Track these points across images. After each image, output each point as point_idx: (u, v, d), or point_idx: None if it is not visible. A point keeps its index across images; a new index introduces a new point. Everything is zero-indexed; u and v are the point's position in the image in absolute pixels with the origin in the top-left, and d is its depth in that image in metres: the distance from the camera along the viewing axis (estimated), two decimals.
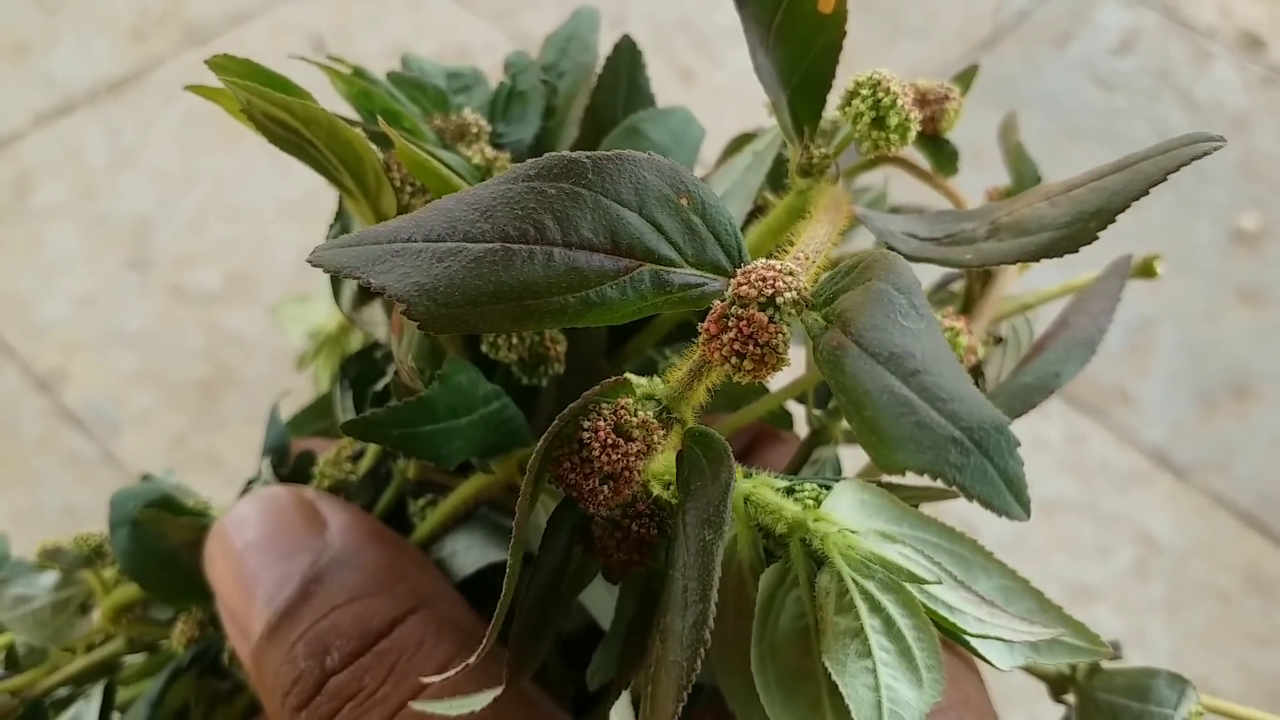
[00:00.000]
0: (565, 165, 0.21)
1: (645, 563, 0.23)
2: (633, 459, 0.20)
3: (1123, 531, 0.83)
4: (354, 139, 0.26)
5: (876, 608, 0.21)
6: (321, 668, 0.26)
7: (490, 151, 0.30)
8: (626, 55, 0.33)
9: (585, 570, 0.24)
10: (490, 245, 0.20)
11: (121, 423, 0.84)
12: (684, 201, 0.21)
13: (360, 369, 0.32)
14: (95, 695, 0.31)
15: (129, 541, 0.31)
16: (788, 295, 0.20)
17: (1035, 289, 0.33)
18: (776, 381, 0.32)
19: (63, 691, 0.32)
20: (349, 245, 0.21)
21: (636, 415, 0.21)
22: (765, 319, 0.20)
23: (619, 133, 0.31)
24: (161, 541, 0.31)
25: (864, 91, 0.25)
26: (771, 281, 0.20)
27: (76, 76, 1.04)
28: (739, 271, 0.21)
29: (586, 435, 0.20)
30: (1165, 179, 0.22)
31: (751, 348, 0.20)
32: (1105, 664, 0.29)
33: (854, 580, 0.21)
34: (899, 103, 0.24)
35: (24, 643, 0.34)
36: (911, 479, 0.20)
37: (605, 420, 0.21)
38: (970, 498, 0.17)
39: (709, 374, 0.21)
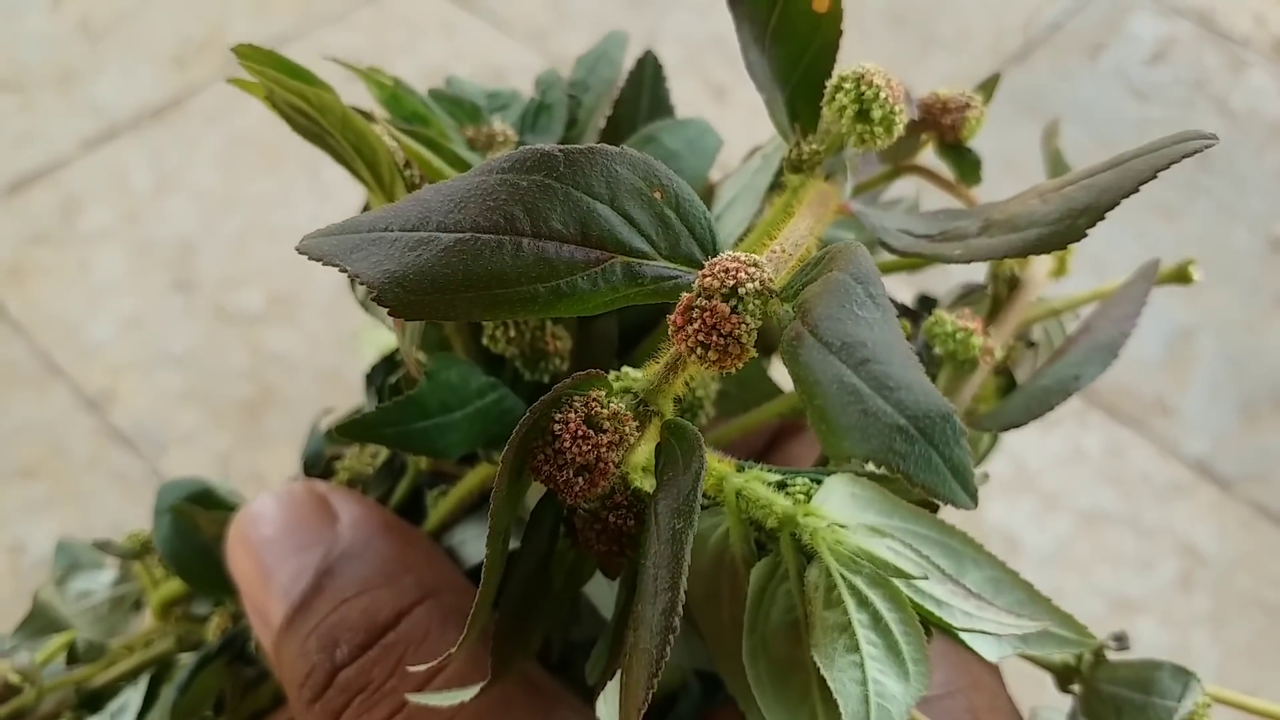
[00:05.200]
0: (539, 158, 0.21)
1: (625, 554, 0.23)
2: (604, 450, 0.21)
3: (1165, 544, 0.82)
4: (367, 131, 0.27)
5: (864, 602, 0.21)
6: (332, 661, 0.26)
7: None
8: (649, 70, 0.34)
9: (583, 564, 0.25)
10: (461, 235, 0.21)
11: (168, 442, 0.85)
12: (657, 195, 0.22)
13: (385, 373, 0.33)
14: (143, 684, 0.33)
15: (169, 530, 0.32)
16: (749, 286, 0.20)
17: (1066, 295, 0.33)
18: (790, 382, 0.33)
19: (120, 686, 0.34)
20: (332, 234, 0.21)
21: (608, 407, 0.21)
22: (727, 310, 0.20)
23: (635, 140, 0.32)
24: (199, 533, 0.32)
25: (847, 85, 0.24)
26: (734, 273, 0.20)
27: (120, 103, 1.06)
28: (706, 264, 0.21)
29: (558, 427, 0.21)
30: (1155, 176, 0.22)
31: (715, 338, 0.20)
32: (1111, 656, 0.29)
33: (841, 575, 0.21)
34: (882, 95, 0.24)
35: (84, 639, 0.35)
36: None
37: (576, 412, 0.21)
38: (914, 485, 0.17)
39: (684, 366, 0.22)
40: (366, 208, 0.30)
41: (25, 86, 1.08)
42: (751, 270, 0.20)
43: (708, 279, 0.20)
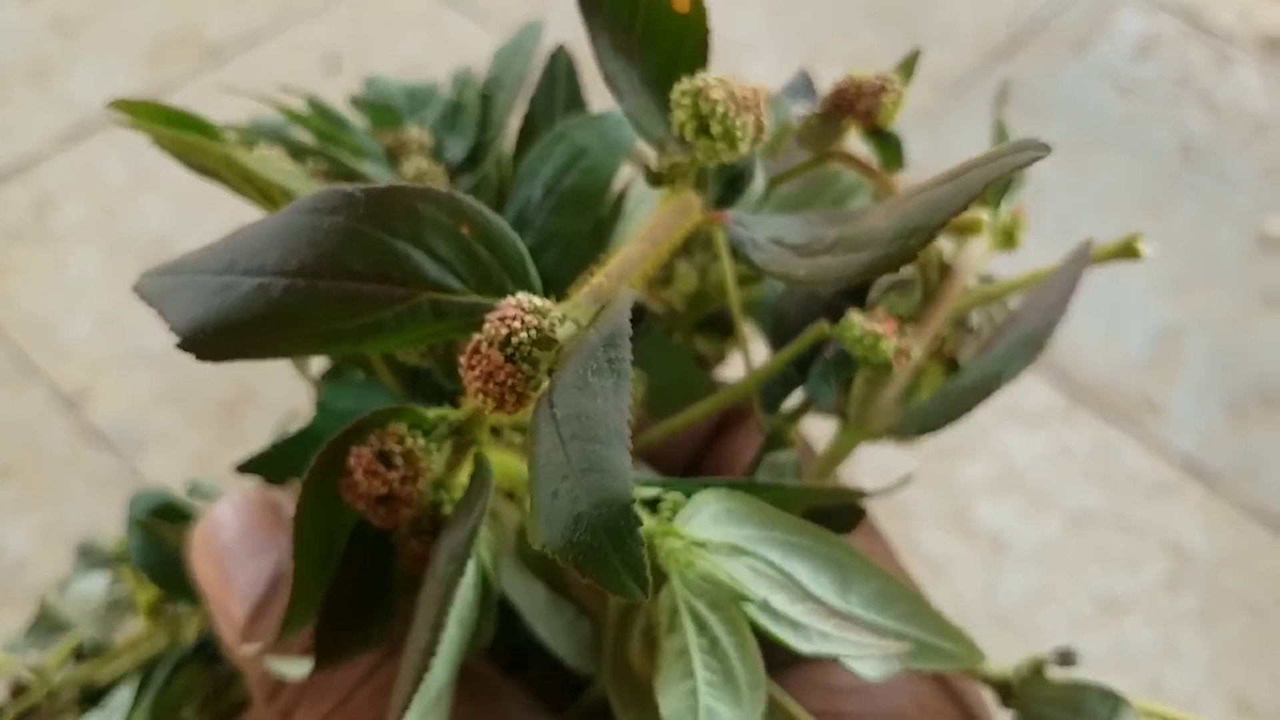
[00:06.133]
0: (339, 200, 0.21)
1: None
2: (397, 485, 0.21)
3: (1153, 542, 0.82)
4: (248, 166, 0.27)
5: (704, 627, 0.21)
6: None
7: (424, 164, 0.32)
8: (561, 65, 0.34)
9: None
10: (261, 279, 0.21)
11: (145, 441, 0.84)
12: (465, 230, 0.21)
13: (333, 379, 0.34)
14: (135, 681, 0.34)
15: (140, 540, 0.34)
16: (523, 335, 0.20)
17: (1003, 278, 0.32)
18: (732, 377, 0.32)
19: (120, 683, 0.36)
20: (160, 274, 0.22)
21: (402, 444, 0.21)
22: (501, 359, 0.20)
23: (548, 139, 0.32)
24: (167, 542, 0.34)
25: (685, 101, 0.23)
26: (509, 320, 0.20)
27: (95, 99, 1.05)
28: (496, 307, 0.21)
29: (351, 461, 0.21)
30: (985, 189, 0.21)
31: (490, 386, 0.20)
32: (1050, 673, 0.28)
33: (685, 600, 0.21)
34: (719, 110, 0.23)
35: (89, 638, 0.37)
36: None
37: (370, 447, 0.21)
38: (587, 578, 0.17)
39: None
40: None
41: None
42: (528, 319, 0.20)
43: (487, 325, 0.20)
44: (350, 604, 0.24)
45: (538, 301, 0.21)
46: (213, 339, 0.21)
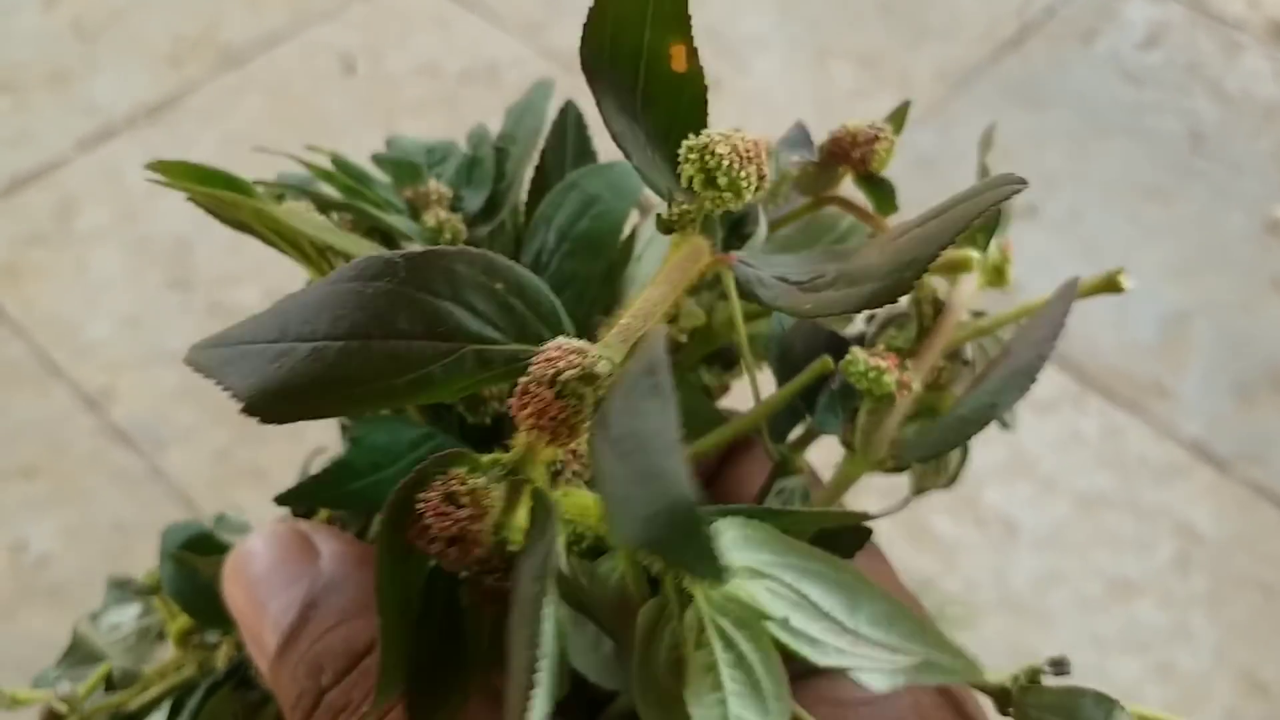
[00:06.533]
0: (380, 266, 0.23)
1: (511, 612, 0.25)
2: (465, 524, 0.23)
3: (1163, 525, 0.82)
4: (280, 219, 0.30)
5: (730, 644, 0.22)
6: (318, 685, 0.29)
7: (444, 215, 0.34)
8: (570, 119, 0.36)
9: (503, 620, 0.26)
10: (315, 344, 0.23)
11: (167, 439, 0.86)
12: (499, 286, 0.24)
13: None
14: (165, 708, 0.36)
15: (173, 571, 0.35)
16: (569, 374, 0.22)
17: (994, 313, 0.34)
18: (732, 407, 0.33)
19: (151, 710, 0.37)
20: (212, 346, 0.24)
21: (465, 485, 0.23)
22: (551, 396, 0.22)
23: (560, 188, 0.34)
24: (200, 574, 0.35)
25: (692, 156, 0.25)
26: (555, 361, 0.22)
27: (115, 102, 1.07)
28: (538, 350, 0.23)
29: (420, 505, 0.23)
30: (970, 225, 0.23)
31: (545, 422, 0.22)
32: (1045, 681, 0.29)
33: (712, 618, 0.23)
34: (724, 164, 0.25)
35: (119, 668, 0.39)
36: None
37: (435, 491, 0.23)
38: (668, 562, 0.19)
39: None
40: (309, 282, 0.33)
41: (19, 86, 1.08)
42: (573, 358, 0.22)
43: (534, 367, 0.22)
44: (433, 661, 0.25)
45: (577, 343, 0.23)
46: (274, 402, 0.23)
